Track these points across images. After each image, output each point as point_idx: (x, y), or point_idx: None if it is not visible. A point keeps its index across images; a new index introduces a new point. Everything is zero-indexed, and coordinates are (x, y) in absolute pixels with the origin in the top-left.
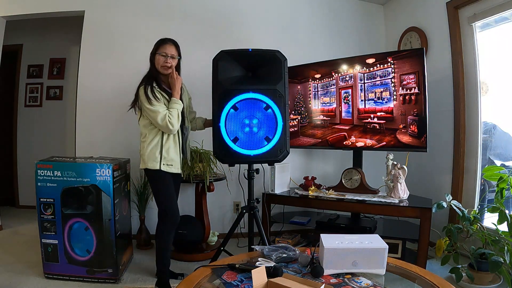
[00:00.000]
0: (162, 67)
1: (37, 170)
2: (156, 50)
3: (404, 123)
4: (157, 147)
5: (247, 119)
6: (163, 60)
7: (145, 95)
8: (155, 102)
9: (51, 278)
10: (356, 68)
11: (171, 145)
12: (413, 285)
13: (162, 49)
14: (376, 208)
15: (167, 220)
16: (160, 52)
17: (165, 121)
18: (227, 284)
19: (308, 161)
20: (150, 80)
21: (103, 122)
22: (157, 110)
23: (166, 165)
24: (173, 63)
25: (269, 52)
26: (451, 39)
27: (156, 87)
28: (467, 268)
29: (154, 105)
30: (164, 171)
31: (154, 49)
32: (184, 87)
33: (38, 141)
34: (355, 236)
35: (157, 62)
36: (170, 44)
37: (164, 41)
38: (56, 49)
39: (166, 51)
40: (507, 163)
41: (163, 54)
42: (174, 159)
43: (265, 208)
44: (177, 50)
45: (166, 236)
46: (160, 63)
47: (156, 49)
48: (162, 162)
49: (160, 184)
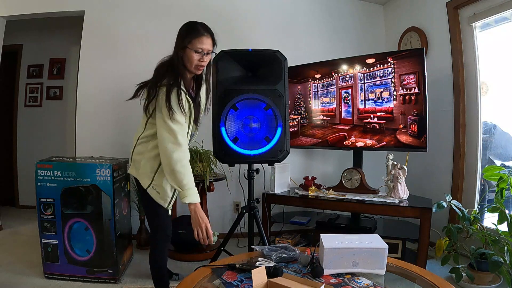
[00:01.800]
0: (196, 67)
1: (37, 170)
2: (189, 43)
3: (404, 123)
4: (154, 162)
5: (247, 119)
6: (197, 58)
7: (168, 101)
8: (178, 117)
9: (51, 278)
10: (356, 68)
11: None
12: (413, 285)
13: (199, 43)
14: (376, 208)
15: (158, 236)
16: (195, 48)
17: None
18: (227, 284)
19: (308, 161)
20: (178, 80)
21: (103, 122)
22: (176, 132)
23: (155, 191)
24: (207, 62)
25: (269, 52)
26: (451, 39)
27: (184, 90)
28: (467, 268)
29: (175, 123)
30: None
31: (187, 40)
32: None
33: (38, 141)
34: (355, 236)
35: (189, 59)
36: (207, 36)
37: (200, 32)
38: (56, 49)
39: (203, 47)
40: (507, 163)
41: (199, 51)
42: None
43: (265, 208)
44: (213, 42)
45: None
46: (194, 62)
47: (189, 42)
48: (153, 184)
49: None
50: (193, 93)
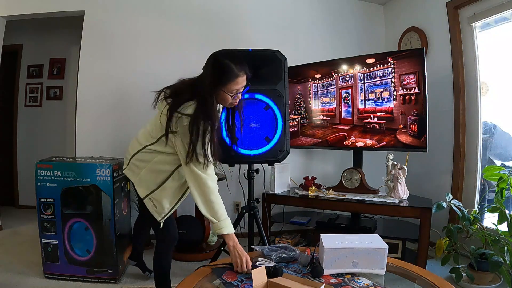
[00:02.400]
0: (230, 104)
1: (37, 170)
2: (226, 84)
3: (404, 123)
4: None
5: (247, 119)
6: (231, 98)
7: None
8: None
9: (51, 278)
10: (356, 68)
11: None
12: (413, 285)
13: (235, 85)
14: (376, 208)
15: (164, 239)
16: (230, 91)
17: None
18: (227, 284)
19: (308, 161)
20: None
21: (103, 122)
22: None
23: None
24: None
25: (269, 52)
26: (451, 39)
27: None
28: (467, 268)
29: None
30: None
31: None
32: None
33: (38, 141)
34: (355, 236)
35: (223, 98)
36: (243, 75)
37: (237, 73)
38: (56, 49)
39: (238, 88)
40: (507, 163)
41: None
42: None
43: (265, 208)
44: (247, 77)
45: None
46: (228, 101)
47: (226, 83)
48: (151, 196)
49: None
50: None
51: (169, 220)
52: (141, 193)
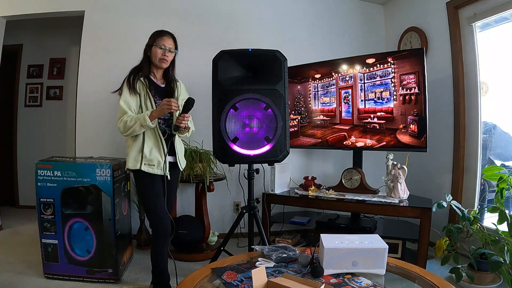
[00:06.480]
0: (160, 60)
1: (37, 170)
2: (153, 42)
3: (404, 123)
4: (138, 145)
5: (247, 119)
6: (161, 53)
7: (122, 84)
8: (125, 94)
9: (51, 278)
10: (356, 68)
11: (154, 144)
12: (413, 285)
13: (160, 41)
14: (376, 208)
15: (155, 230)
16: (158, 45)
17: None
18: (227, 284)
19: (308, 161)
20: (137, 71)
21: (103, 122)
22: (121, 107)
23: (147, 165)
24: (170, 57)
25: (269, 52)
26: (451, 39)
27: (141, 78)
28: (467, 268)
29: (121, 99)
30: (145, 171)
31: (151, 41)
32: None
33: (38, 141)
34: (355, 236)
35: (154, 54)
36: (168, 36)
37: (161, 33)
38: (56, 49)
39: (164, 43)
40: (507, 163)
41: (161, 47)
42: (156, 160)
43: (265, 208)
44: (174, 43)
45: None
46: (158, 56)
47: (153, 41)
48: (143, 161)
49: (142, 186)
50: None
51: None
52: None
